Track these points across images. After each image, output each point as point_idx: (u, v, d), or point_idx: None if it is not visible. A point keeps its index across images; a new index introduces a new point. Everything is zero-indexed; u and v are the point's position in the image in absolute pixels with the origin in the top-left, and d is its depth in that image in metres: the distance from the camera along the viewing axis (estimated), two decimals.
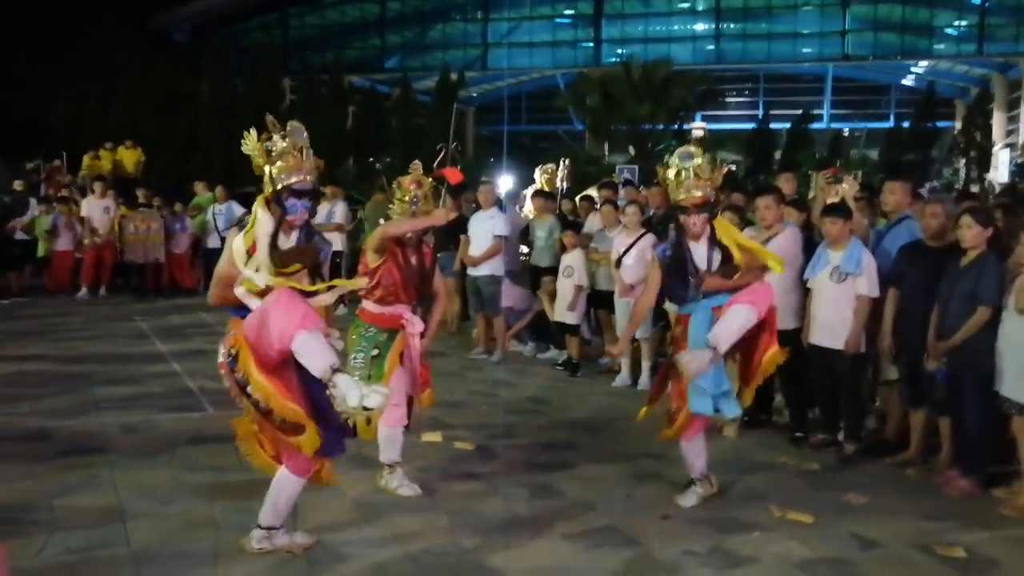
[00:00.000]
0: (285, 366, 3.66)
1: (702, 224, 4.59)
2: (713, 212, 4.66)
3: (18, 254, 12.49)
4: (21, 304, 11.76)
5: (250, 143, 3.76)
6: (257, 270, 3.65)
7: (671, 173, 4.63)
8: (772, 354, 4.59)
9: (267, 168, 3.74)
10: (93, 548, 4.01)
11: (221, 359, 3.77)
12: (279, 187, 3.72)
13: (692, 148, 4.74)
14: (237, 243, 3.71)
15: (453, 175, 5.16)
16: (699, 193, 4.55)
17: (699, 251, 4.65)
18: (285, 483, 3.88)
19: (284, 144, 3.73)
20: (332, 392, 3.44)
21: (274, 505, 3.91)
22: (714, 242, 4.63)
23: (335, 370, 3.46)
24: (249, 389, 3.65)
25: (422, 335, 4.88)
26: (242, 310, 3.71)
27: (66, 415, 6.31)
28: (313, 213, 3.90)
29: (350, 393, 3.41)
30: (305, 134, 3.82)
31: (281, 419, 3.63)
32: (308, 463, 3.82)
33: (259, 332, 3.56)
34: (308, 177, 3.76)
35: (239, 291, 3.70)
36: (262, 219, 3.73)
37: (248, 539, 3.95)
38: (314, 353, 3.49)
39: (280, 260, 3.70)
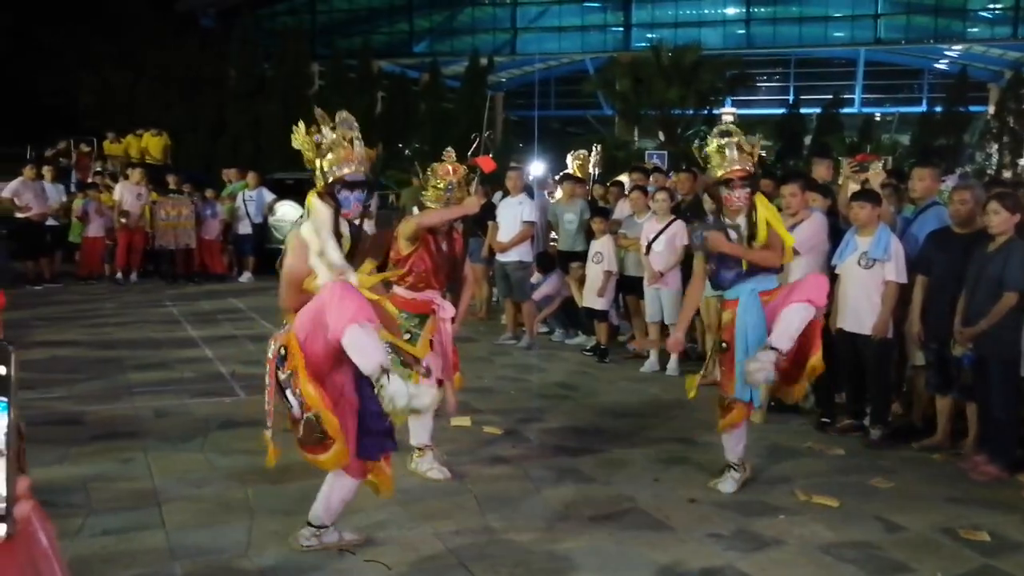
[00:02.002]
0: (334, 369, 3.54)
1: (745, 198, 4.58)
2: (755, 186, 4.64)
3: (49, 240, 12.69)
4: (54, 290, 11.98)
5: (299, 137, 3.71)
6: (327, 265, 3.53)
7: (712, 147, 4.61)
8: (814, 361, 4.58)
9: (317, 161, 3.67)
10: (129, 530, 4.11)
11: (270, 354, 3.62)
12: (331, 179, 3.64)
13: (731, 127, 4.75)
14: (304, 237, 3.56)
15: (486, 163, 5.19)
16: (741, 166, 4.56)
17: (741, 226, 4.64)
18: (340, 483, 3.77)
19: (334, 136, 3.66)
20: (381, 392, 3.32)
21: (327, 504, 3.83)
22: (751, 219, 4.61)
23: (384, 369, 3.32)
24: (290, 392, 3.49)
25: (452, 320, 4.94)
26: None
27: (99, 400, 6.43)
28: (367, 204, 3.79)
29: (399, 394, 3.29)
30: (355, 124, 3.76)
31: (307, 431, 3.47)
32: (364, 465, 3.72)
33: (312, 326, 3.43)
34: (360, 168, 3.68)
35: (314, 285, 3.53)
36: (321, 209, 3.62)
37: (296, 537, 3.88)
38: (365, 350, 3.33)
39: (354, 255, 3.64)
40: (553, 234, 9.94)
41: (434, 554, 3.97)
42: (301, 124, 3.72)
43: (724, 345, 4.73)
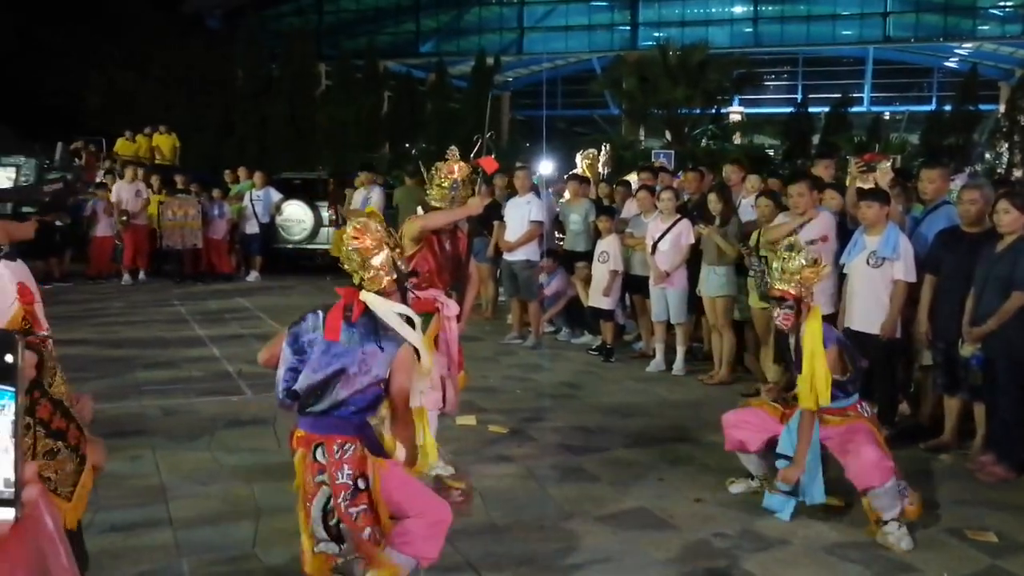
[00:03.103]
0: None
1: (782, 319, 4.37)
2: (798, 311, 4.34)
3: (59, 239, 12.72)
4: (63, 289, 12.02)
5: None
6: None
7: (773, 261, 4.49)
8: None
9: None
10: (137, 526, 4.14)
11: (346, 478, 3.09)
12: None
13: (795, 241, 4.56)
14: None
15: (489, 164, 5.21)
16: (783, 287, 4.33)
17: (792, 342, 4.44)
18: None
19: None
20: None
21: None
22: (799, 342, 4.37)
23: None
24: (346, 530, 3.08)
25: (457, 318, 4.95)
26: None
27: (108, 398, 6.44)
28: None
29: None
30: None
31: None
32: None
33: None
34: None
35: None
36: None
37: None
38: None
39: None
40: (558, 233, 9.94)
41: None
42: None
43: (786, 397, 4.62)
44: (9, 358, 0.97)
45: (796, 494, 4.41)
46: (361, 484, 3.08)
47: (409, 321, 3.20)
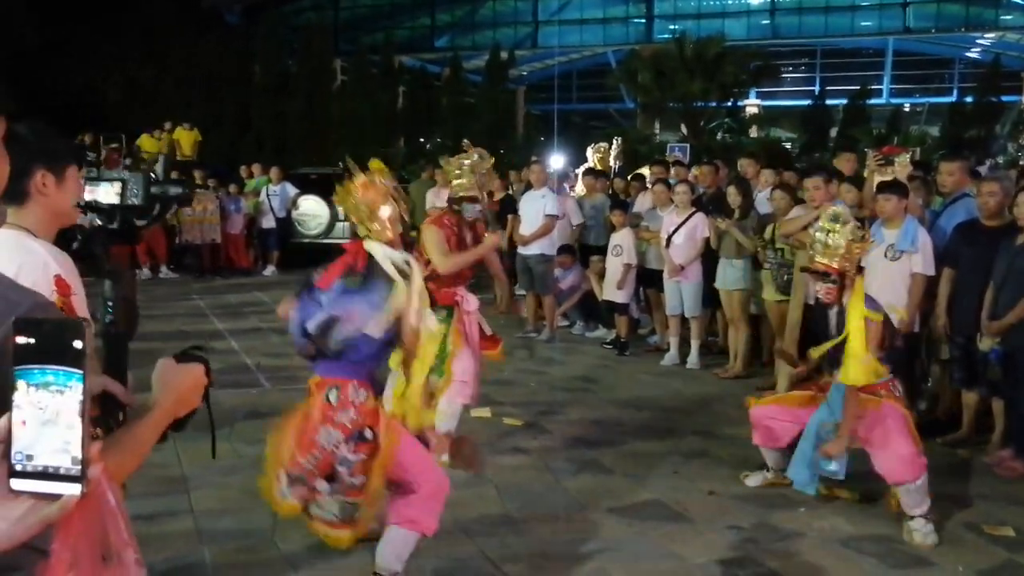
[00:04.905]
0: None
1: (825, 293, 4.29)
2: (841, 285, 4.27)
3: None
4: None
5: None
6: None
7: (820, 228, 4.35)
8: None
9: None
10: (159, 515, 4.20)
11: (347, 423, 3.20)
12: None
13: (840, 212, 4.41)
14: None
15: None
16: (826, 262, 4.24)
17: (832, 317, 4.38)
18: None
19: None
20: None
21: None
22: (840, 317, 4.31)
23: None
24: (344, 469, 3.18)
25: (501, 309, 5.13)
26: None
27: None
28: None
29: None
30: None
31: (329, 510, 3.23)
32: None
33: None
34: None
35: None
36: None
37: None
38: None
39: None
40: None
41: (455, 543, 4.01)
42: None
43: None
44: (78, 344, 1.04)
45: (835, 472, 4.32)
46: (368, 434, 3.17)
47: (405, 273, 3.23)
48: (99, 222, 1.90)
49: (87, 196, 2.00)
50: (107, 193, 1.96)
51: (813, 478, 4.35)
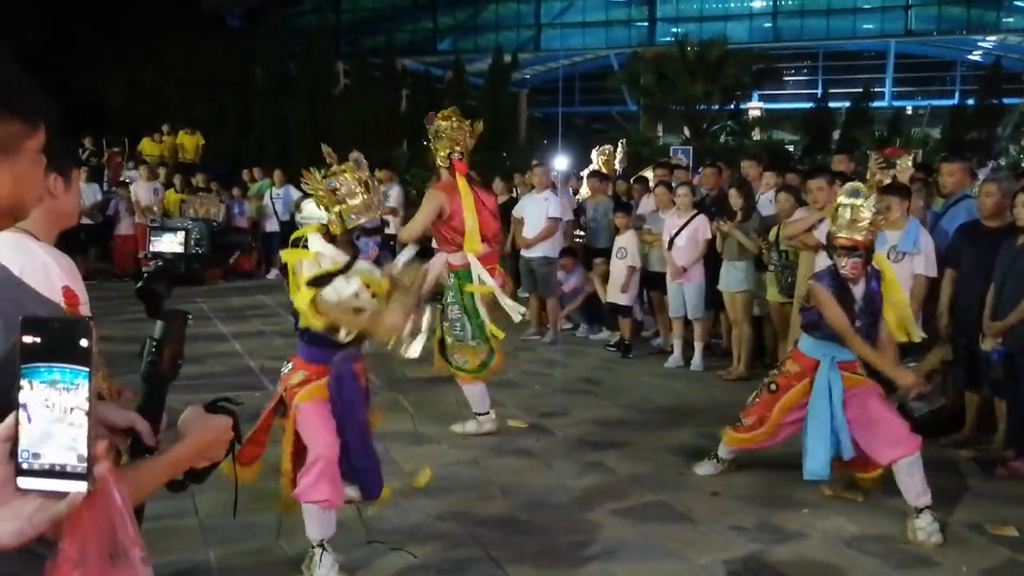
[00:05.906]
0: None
1: (851, 268, 4.27)
2: (868, 258, 4.30)
3: (84, 238, 12.87)
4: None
5: (312, 184, 3.63)
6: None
7: (839, 202, 4.35)
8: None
9: (336, 208, 3.59)
10: (164, 517, 4.20)
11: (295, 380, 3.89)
12: (351, 227, 3.57)
13: (859, 186, 4.43)
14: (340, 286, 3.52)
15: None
16: (848, 235, 4.23)
17: (857, 292, 4.36)
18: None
19: (350, 181, 3.57)
20: None
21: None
22: (871, 291, 4.34)
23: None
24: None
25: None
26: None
27: (133, 393, 6.54)
28: (381, 247, 3.72)
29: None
30: (365, 163, 3.70)
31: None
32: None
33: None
34: (375, 213, 3.64)
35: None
36: (333, 254, 3.55)
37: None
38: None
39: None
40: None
41: (460, 544, 4.03)
42: (314, 171, 3.64)
43: (773, 387, 4.63)
44: (84, 342, 1.05)
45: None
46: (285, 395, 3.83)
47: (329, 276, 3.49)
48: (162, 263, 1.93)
49: (152, 248, 2.05)
50: (170, 243, 2.02)
51: (827, 466, 4.36)
